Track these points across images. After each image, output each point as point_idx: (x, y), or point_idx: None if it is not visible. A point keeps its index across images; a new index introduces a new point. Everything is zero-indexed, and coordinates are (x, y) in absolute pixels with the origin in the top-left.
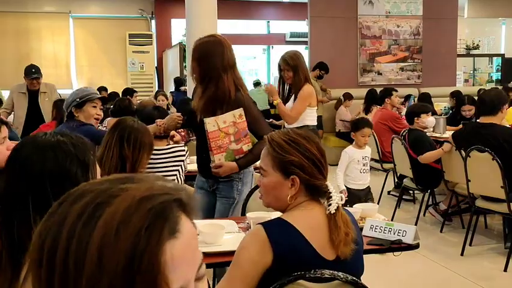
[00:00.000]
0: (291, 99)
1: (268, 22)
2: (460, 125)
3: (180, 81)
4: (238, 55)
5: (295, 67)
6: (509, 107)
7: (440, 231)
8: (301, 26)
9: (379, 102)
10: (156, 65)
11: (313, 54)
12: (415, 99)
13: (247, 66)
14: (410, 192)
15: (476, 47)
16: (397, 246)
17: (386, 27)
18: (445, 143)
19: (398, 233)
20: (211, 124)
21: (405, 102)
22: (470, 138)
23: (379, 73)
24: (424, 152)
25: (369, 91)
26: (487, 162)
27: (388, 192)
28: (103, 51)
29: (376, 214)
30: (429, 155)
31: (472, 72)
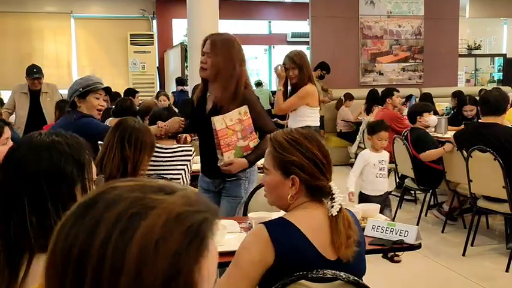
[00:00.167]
0: None
1: (269, 22)
2: (462, 125)
3: (181, 81)
4: None
5: (300, 65)
6: (510, 107)
7: (442, 232)
8: (303, 26)
9: (381, 102)
10: (157, 65)
11: (314, 55)
12: (417, 99)
13: (249, 67)
14: (412, 192)
15: (478, 47)
16: (398, 246)
17: (388, 27)
18: (447, 143)
19: (400, 233)
20: (220, 122)
21: (406, 103)
22: (472, 138)
23: (381, 73)
24: (426, 150)
25: (370, 91)
26: (489, 163)
27: (390, 192)
28: (104, 51)
29: (377, 214)
30: (430, 153)
31: (473, 72)
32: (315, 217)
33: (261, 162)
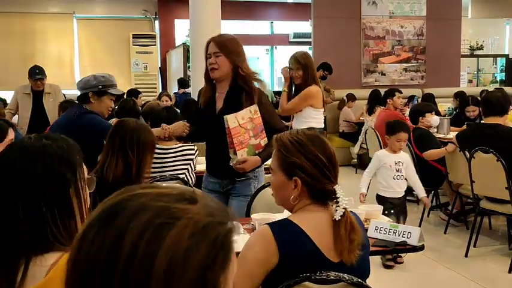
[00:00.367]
0: None
1: (271, 23)
2: (464, 126)
3: (183, 83)
4: None
5: (305, 66)
6: None
7: (445, 233)
8: (305, 26)
9: (383, 103)
10: (159, 66)
11: (316, 55)
12: (419, 99)
13: (251, 67)
14: (414, 193)
15: (480, 48)
16: (401, 248)
17: (390, 27)
18: (449, 144)
19: (403, 234)
20: (232, 120)
21: (409, 103)
22: (475, 139)
23: (383, 74)
24: (429, 149)
25: (372, 92)
26: (492, 163)
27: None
28: (107, 52)
29: (380, 216)
30: (433, 152)
31: (476, 72)
32: (319, 219)
33: (268, 163)
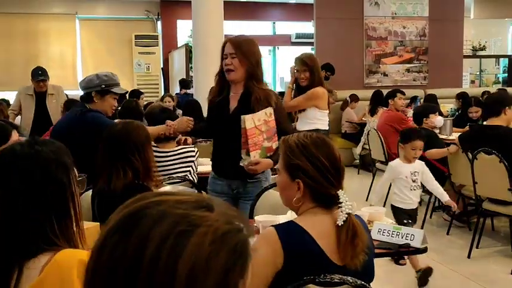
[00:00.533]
0: None
1: (273, 23)
2: (467, 127)
3: (185, 83)
4: None
5: (312, 68)
6: None
7: (447, 234)
8: (307, 27)
9: (385, 103)
10: (162, 66)
11: (318, 56)
12: (421, 100)
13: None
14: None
15: (483, 48)
16: (405, 250)
17: (392, 28)
18: (452, 145)
19: (406, 236)
20: (249, 121)
21: (411, 104)
22: (477, 140)
23: (385, 74)
24: (432, 148)
25: (375, 92)
26: (494, 165)
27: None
28: (109, 52)
29: (383, 217)
30: (435, 152)
31: (478, 73)
32: (323, 223)
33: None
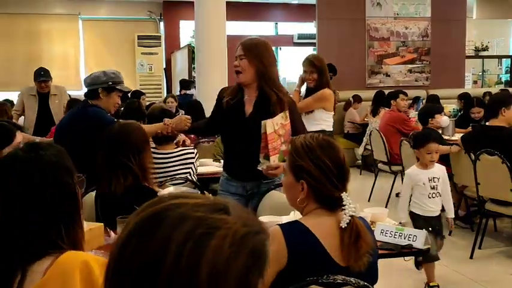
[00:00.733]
0: None
1: (276, 24)
2: (469, 128)
3: (185, 84)
4: None
5: (320, 69)
6: None
7: (449, 234)
8: (309, 27)
9: (387, 104)
10: (164, 67)
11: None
12: (424, 101)
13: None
14: None
15: (485, 49)
16: (407, 251)
17: (395, 28)
18: (454, 145)
19: (408, 237)
20: (270, 126)
21: (414, 105)
22: (479, 140)
23: (387, 75)
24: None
25: (377, 93)
26: (497, 166)
27: (397, 194)
28: (112, 53)
29: (386, 218)
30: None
31: (480, 73)
32: (327, 224)
33: None
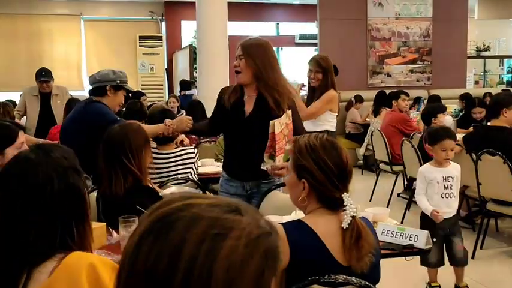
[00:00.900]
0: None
1: (277, 24)
2: (471, 128)
3: (186, 85)
4: None
5: (325, 70)
6: None
7: None
8: (311, 28)
9: (388, 104)
10: (166, 67)
11: None
12: (425, 101)
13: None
14: None
15: (487, 49)
16: (409, 250)
17: (396, 29)
18: (456, 146)
19: (410, 237)
20: (278, 126)
21: (415, 105)
22: (480, 141)
23: (389, 75)
24: None
25: (378, 93)
26: (498, 166)
27: (398, 194)
28: (114, 53)
29: (387, 218)
30: None
31: (482, 74)
32: (329, 223)
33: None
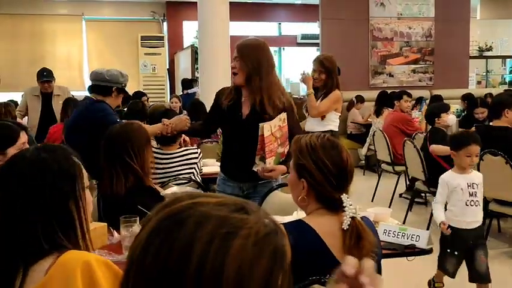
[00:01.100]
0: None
1: (279, 24)
2: (473, 128)
3: (188, 83)
4: None
5: (329, 70)
6: None
7: None
8: (313, 28)
9: (390, 104)
10: (167, 67)
11: None
12: (427, 101)
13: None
14: (422, 195)
15: (489, 49)
16: (410, 250)
17: (398, 29)
18: None
19: (411, 237)
20: (267, 129)
21: (417, 105)
22: (482, 141)
23: (391, 75)
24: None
25: (380, 93)
26: (500, 166)
27: (400, 195)
28: (115, 53)
29: (389, 218)
30: (439, 148)
31: (484, 74)
32: (330, 223)
33: None
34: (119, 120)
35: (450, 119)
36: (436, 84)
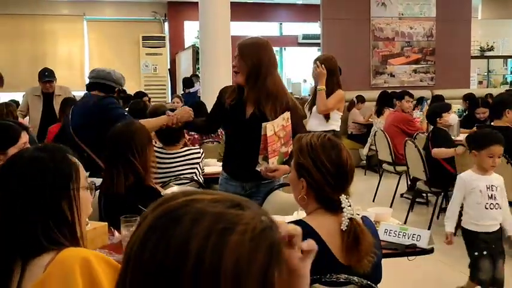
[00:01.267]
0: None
1: (280, 24)
2: (474, 128)
3: (188, 82)
4: None
5: (330, 70)
6: None
7: (454, 235)
8: (314, 28)
9: (391, 104)
10: (169, 67)
11: None
12: (428, 101)
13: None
14: (424, 195)
15: (491, 49)
16: (411, 250)
17: (399, 29)
18: (459, 146)
19: (412, 237)
20: (270, 129)
21: (418, 105)
22: None
23: (392, 75)
24: (440, 147)
25: (381, 93)
26: (502, 166)
27: (401, 195)
28: (116, 54)
29: (390, 218)
30: (442, 151)
31: (486, 74)
32: (330, 224)
33: None
34: (127, 114)
35: (452, 118)
36: (438, 84)
